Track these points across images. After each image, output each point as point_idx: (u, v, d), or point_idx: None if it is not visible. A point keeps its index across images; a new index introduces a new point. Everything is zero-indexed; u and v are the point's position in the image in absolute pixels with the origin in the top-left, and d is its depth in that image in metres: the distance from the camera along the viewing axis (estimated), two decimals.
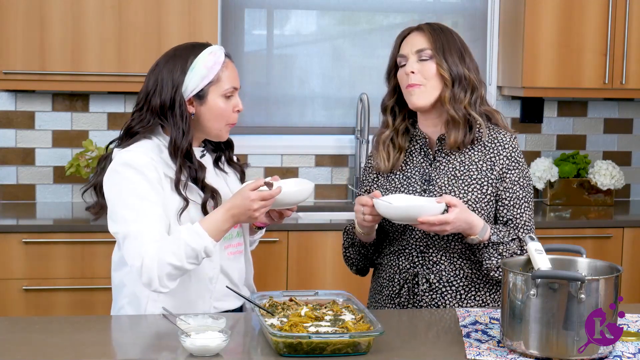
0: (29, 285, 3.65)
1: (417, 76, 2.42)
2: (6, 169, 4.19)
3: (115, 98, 4.23)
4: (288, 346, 1.99)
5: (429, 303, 2.47)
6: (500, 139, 2.45)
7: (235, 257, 2.49)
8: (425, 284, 2.46)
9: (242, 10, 4.37)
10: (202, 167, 2.38)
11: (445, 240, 2.44)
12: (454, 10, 4.60)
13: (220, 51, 2.40)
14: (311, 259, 3.81)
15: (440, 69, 2.41)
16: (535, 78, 4.16)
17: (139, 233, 2.26)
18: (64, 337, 2.16)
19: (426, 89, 2.42)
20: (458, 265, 2.45)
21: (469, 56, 2.47)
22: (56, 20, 3.81)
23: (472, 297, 2.47)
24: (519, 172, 2.44)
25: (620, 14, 4.15)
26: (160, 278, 2.24)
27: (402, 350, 2.07)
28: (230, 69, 2.40)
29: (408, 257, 2.48)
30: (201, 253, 2.25)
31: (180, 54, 2.38)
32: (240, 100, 2.42)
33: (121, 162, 2.32)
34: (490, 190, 2.42)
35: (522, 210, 2.43)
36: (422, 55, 2.43)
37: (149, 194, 2.29)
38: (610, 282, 1.97)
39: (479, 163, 2.43)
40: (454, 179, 2.43)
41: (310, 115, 4.48)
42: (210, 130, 2.40)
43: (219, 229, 2.28)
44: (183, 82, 2.34)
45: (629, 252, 4.03)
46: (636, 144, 4.67)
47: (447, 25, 2.52)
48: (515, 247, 2.39)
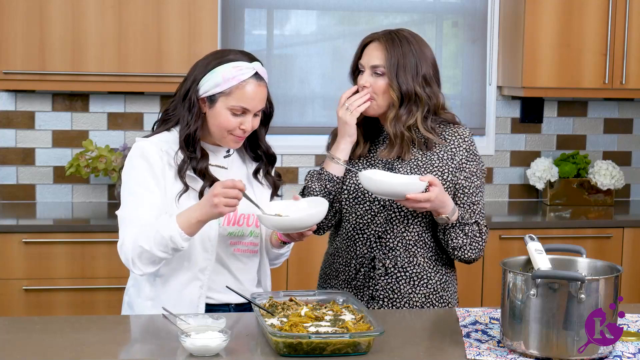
0: (29, 285, 3.65)
1: (369, 90, 2.53)
2: (6, 169, 4.19)
3: (115, 98, 4.23)
4: (288, 346, 1.99)
5: (384, 287, 2.55)
6: (460, 133, 2.57)
7: (245, 255, 2.52)
8: (381, 268, 2.55)
9: (242, 10, 4.37)
10: (204, 157, 2.43)
11: (402, 228, 2.53)
12: (454, 10, 4.60)
13: (248, 69, 2.40)
14: (311, 259, 3.81)
15: (390, 88, 2.50)
16: (535, 78, 4.16)
17: (130, 218, 2.38)
18: (64, 337, 2.16)
19: (377, 103, 2.53)
20: (412, 252, 2.55)
21: (427, 67, 2.53)
22: (56, 20, 3.82)
23: (425, 285, 2.56)
24: (475, 164, 2.56)
25: (620, 14, 4.15)
26: (133, 259, 2.35)
27: (402, 350, 2.07)
28: (251, 90, 2.40)
29: (366, 242, 2.57)
30: (169, 242, 2.31)
31: (218, 55, 2.44)
32: (250, 121, 2.42)
33: (133, 150, 2.44)
34: (450, 178, 2.52)
35: (478, 198, 2.55)
36: (375, 71, 2.52)
37: (149, 183, 2.39)
38: (610, 282, 1.97)
39: (440, 153, 2.54)
40: (416, 167, 2.53)
41: (310, 115, 4.49)
42: (214, 134, 2.46)
43: (189, 221, 2.32)
44: (200, 80, 2.41)
45: (629, 252, 4.03)
46: (636, 144, 4.67)
47: (411, 33, 2.57)
48: (476, 230, 2.52)
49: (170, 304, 2.35)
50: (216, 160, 2.50)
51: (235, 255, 2.50)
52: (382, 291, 2.55)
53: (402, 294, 2.54)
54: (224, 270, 2.48)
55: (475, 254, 2.52)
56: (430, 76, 2.53)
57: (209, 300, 2.46)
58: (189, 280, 2.44)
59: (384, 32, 2.56)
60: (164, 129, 2.47)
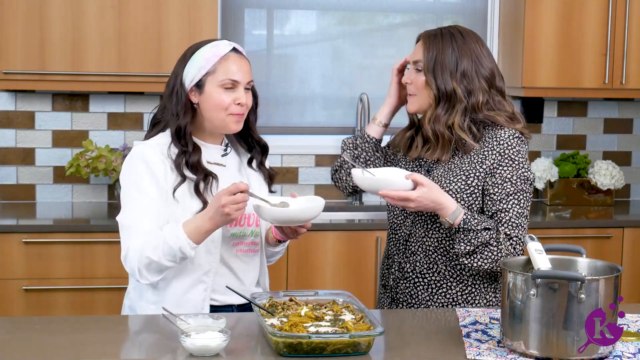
0: (29, 285, 3.65)
1: (411, 87, 2.52)
2: (6, 169, 4.19)
3: (115, 98, 4.23)
4: (288, 346, 1.99)
5: (403, 291, 2.55)
6: (499, 135, 2.45)
7: (247, 255, 2.52)
8: (397, 272, 2.55)
9: (242, 10, 4.37)
10: (196, 150, 2.43)
11: (423, 232, 2.50)
12: (454, 10, 4.60)
13: (224, 45, 2.44)
14: (311, 259, 3.81)
15: (427, 86, 2.48)
16: (535, 78, 4.16)
17: (130, 225, 2.37)
18: (64, 337, 2.16)
19: (418, 99, 2.51)
20: (432, 259, 2.51)
21: (469, 63, 2.47)
22: (56, 20, 3.81)
23: (443, 294, 2.51)
24: (511, 169, 2.42)
25: (620, 14, 4.15)
26: (140, 269, 2.34)
27: (402, 350, 2.07)
28: (232, 62, 2.42)
29: (396, 244, 2.57)
30: (177, 252, 2.32)
31: (191, 47, 2.47)
32: (244, 94, 2.43)
33: (133, 154, 2.42)
34: (475, 183, 2.44)
35: (509, 206, 2.41)
36: (417, 66, 2.51)
37: (150, 189, 2.37)
38: (610, 282, 1.97)
39: (473, 156, 2.46)
40: (448, 170, 2.47)
41: (310, 115, 4.49)
42: (213, 120, 2.44)
43: (197, 231, 2.33)
44: (183, 72, 2.42)
45: (629, 252, 4.03)
46: (636, 144, 4.67)
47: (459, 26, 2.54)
48: (487, 237, 2.38)
49: (174, 307, 2.33)
50: (213, 158, 2.49)
51: (238, 256, 2.50)
52: (402, 295, 2.55)
53: (420, 300, 2.52)
54: (227, 272, 2.48)
55: (487, 263, 2.39)
56: (472, 73, 2.45)
57: (213, 302, 2.46)
58: (193, 283, 2.44)
59: (434, 29, 2.53)
60: (158, 131, 2.47)
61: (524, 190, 2.43)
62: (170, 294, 2.43)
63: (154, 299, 2.44)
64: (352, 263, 3.84)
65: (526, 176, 2.44)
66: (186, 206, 2.40)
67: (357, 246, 3.83)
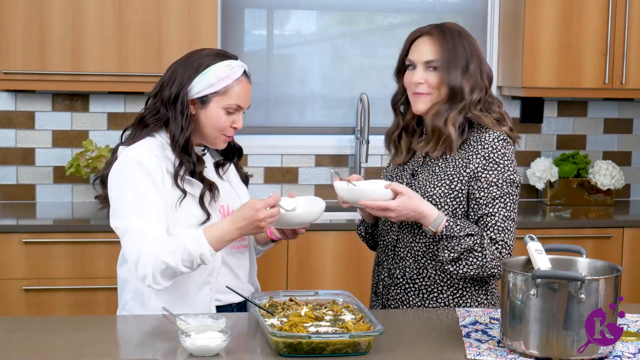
0: (29, 285, 3.65)
1: (424, 86, 2.47)
2: (6, 169, 4.19)
3: (115, 98, 4.23)
4: (288, 346, 1.99)
5: (394, 297, 2.53)
6: (484, 139, 2.44)
7: (239, 251, 2.52)
8: (387, 278, 2.54)
9: (242, 10, 4.37)
10: (200, 161, 2.42)
11: (410, 238, 2.49)
12: (454, 10, 4.60)
13: (239, 67, 2.43)
14: (311, 259, 3.81)
15: (442, 84, 2.45)
16: (535, 78, 4.16)
17: (140, 229, 2.31)
18: (64, 337, 2.16)
19: (432, 98, 2.47)
20: (422, 265, 2.49)
21: (476, 61, 2.47)
22: (56, 20, 3.82)
23: (435, 299, 2.49)
24: (497, 173, 2.40)
25: (620, 14, 4.15)
26: (154, 275, 2.29)
27: (402, 350, 2.07)
28: (243, 87, 2.44)
29: (385, 250, 2.56)
30: (197, 259, 2.30)
31: (203, 56, 2.43)
32: (241, 119, 2.45)
33: (127, 159, 2.37)
34: (458, 187, 2.42)
35: (495, 210, 2.39)
36: (429, 65, 2.46)
37: (151, 193, 2.34)
38: (610, 282, 1.97)
39: (457, 160, 2.45)
40: (433, 175, 2.47)
41: (310, 115, 4.48)
42: (206, 135, 2.44)
43: (221, 239, 2.32)
44: (191, 83, 2.39)
45: (629, 252, 4.03)
46: (636, 144, 4.66)
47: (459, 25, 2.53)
48: (471, 243, 2.36)
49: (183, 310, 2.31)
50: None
51: (232, 253, 2.50)
52: (393, 301, 2.53)
53: (412, 305, 2.50)
54: (226, 270, 2.48)
55: (473, 269, 2.37)
56: (477, 71, 2.45)
57: (217, 302, 2.46)
58: (200, 286, 2.42)
59: (433, 26, 2.49)
60: (146, 135, 2.42)
61: (510, 193, 2.41)
62: (179, 299, 2.40)
63: (158, 307, 2.36)
64: (352, 263, 3.84)
65: (512, 179, 2.42)
66: (187, 213, 2.38)
67: (357, 246, 3.82)
